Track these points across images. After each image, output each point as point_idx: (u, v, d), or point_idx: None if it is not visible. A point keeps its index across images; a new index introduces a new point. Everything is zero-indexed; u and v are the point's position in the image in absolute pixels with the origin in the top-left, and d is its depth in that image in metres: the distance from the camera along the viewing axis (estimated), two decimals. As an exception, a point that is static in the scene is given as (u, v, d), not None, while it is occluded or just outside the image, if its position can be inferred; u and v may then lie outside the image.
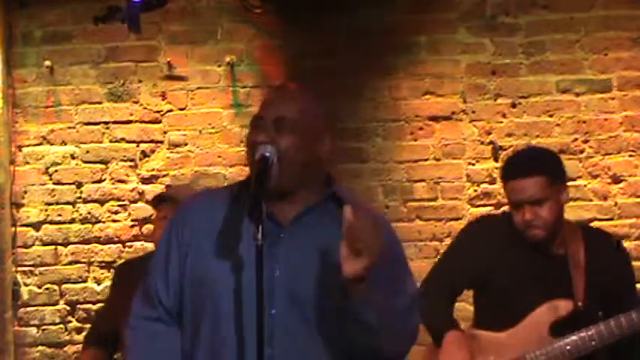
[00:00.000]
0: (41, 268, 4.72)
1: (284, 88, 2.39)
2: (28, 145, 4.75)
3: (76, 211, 4.74)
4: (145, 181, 4.73)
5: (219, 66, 4.74)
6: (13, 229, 4.72)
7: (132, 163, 4.74)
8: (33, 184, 4.74)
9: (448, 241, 4.52)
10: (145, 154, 4.74)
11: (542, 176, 3.10)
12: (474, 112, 4.68)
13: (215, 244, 2.18)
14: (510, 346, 3.16)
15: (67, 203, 4.74)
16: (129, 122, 4.75)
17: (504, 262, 3.20)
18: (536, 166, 3.14)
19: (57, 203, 4.74)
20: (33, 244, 4.73)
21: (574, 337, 3.11)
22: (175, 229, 2.28)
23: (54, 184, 4.75)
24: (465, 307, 3.67)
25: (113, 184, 4.74)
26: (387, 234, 2.21)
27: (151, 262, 2.32)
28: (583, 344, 3.10)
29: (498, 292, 3.21)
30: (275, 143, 2.16)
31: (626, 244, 4.44)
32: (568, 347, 3.11)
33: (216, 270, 2.15)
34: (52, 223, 4.73)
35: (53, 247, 4.73)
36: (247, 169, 2.27)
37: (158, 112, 4.76)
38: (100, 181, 4.74)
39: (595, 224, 4.49)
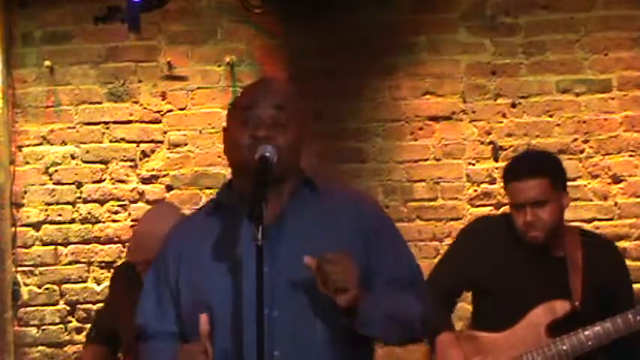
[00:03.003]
0: (41, 268, 4.72)
1: (268, 82, 2.38)
2: (28, 145, 4.75)
3: (76, 211, 4.73)
4: (145, 181, 4.73)
5: (219, 66, 4.73)
6: (13, 229, 4.72)
7: (132, 163, 4.74)
8: (33, 184, 4.74)
9: (448, 241, 4.52)
10: (145, 154, 4.74)
11: (545, 178, 3.12)
12: (474, 112, 4.68)
13: (209, 256, 2.17)
14: (508, 346, 3.16)
15: (67, 203, 4.74)
16: (129, 122, 4.75)
17: (504, 263, 3.21)
18: (539, 168, 3.16)
19: (57, 203, 4.74)
20: (33, 244, 4.73)
21: (571, 338, 3.11)
22: (161, 267, 2.26)
23: (54, 184, 4.74)
24: (464, 307, 3.67)
25: (113, 184, 4.74)
26: (374, 212, 2.31)
27: (140, 310, 2.29)
28: (580, 345, 3.10)
29: (497, 293, 3.21)
30: (273, 139, 2.15)
31: (626, 244, 4.48)
32: (565, 348, 3.11)
33: (215, 278, 2.14)
34: (52, 223, 4.73)
35: (53, 247, 4.73)
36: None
37: (158, 112, 4.76)
38: (100, 181, 4.74)
39: (595, 224, 4.49)
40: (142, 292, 2.32)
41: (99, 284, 4.70)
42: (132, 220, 4.70)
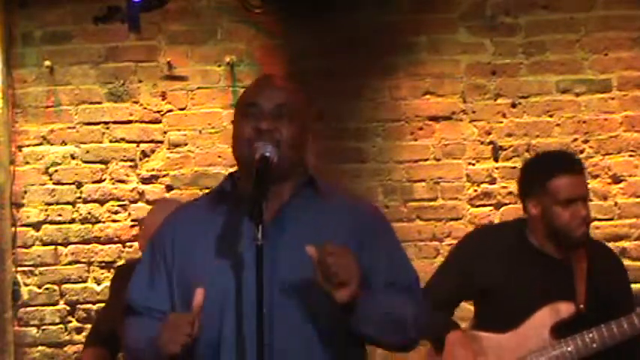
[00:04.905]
0: (41, 268, 4.72)
1: (271, 78, 2.39)
2: (28, 145, 4.75)
3: (76, 211, 4.74)
4: (145, 181, 4.73)
5: (219, 66, 4.74)
6: (13, 229, 4.72)
7: (132, 163, 4.74)
8: (33, 184, 4.74)
9: (448, 241, 4.53)
10: (145, 154, 4.75)
11: (585, 177, 3.20)
12: (474, 112, 4.68)
13: (206, 250, 2.16)
14: (511, 347, 3.16)
15: (67, 203, 4.74)
16: (129, 122, 4.75)
17: (509, 271, 3.18)
18: (582, 165, 3.24)
19: (57, 203, 4.74)
20: (33, 244, 4.73)
21: (576, 340, 3.11)
22: (158, 248, 2.26)
23: (54, 184, 4.75)
24: (465, 306, 3.67)
25: (113, 184, 4.74)
26: (373, 216, 2.31)
27: (132, 285, 2.29)
28: (584, 346, 3.10)
29: (502, 299, 3.19)
30: (276, 131, 2.16)
31: (626, 244, 4.49)
32: (569, 349, 3.11)
33: (210, 274, 2.13)
34: (52, 223, 4.73)
35: (53, 247, 4.73)
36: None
37: (158, 112, 4.76)
38: (100, 181, 4.74)
39: (595, 224, 4.48)
40: (136, 267, 2.32)
41: (99, 284, 4.70)
42: (132, 220, 4.70)
